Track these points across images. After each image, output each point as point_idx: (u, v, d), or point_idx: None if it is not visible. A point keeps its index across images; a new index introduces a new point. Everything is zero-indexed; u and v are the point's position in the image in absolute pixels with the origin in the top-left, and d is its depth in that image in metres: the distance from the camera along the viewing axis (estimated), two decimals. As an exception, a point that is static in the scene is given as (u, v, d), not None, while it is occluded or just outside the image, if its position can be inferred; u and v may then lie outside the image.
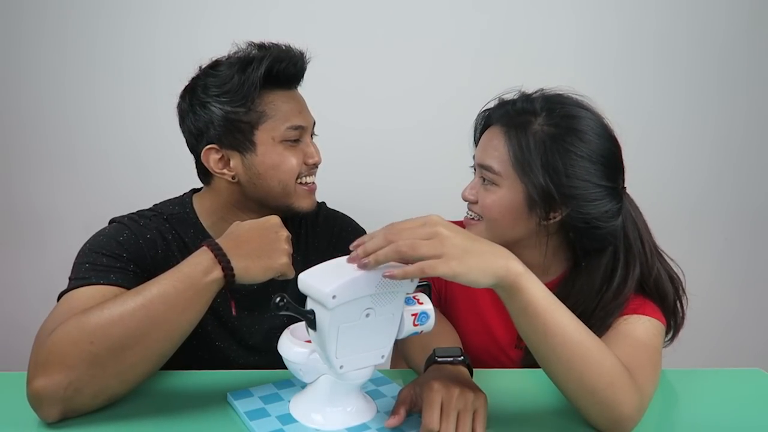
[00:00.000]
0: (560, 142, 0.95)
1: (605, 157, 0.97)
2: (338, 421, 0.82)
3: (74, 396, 0.78)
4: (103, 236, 1.00)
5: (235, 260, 0.83)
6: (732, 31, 1.83)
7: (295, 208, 1.07)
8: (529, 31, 1.79)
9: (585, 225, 0.97)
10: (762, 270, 2.01)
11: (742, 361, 1.50)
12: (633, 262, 0.99)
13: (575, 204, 0.96)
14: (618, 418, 0.80)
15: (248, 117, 1.01)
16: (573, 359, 0.78)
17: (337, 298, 0.72)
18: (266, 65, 0.99)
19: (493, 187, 1.00)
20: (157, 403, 0.88)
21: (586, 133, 0.96)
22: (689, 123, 1.88)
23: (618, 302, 0.96)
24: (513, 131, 0.98)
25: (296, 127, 1.03)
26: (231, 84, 1.00)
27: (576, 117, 0.98)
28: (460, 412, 0.78)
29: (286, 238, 0.88)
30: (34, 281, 1.86)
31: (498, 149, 0.99)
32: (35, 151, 1.80)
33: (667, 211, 1.88)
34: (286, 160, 1.03)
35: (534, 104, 1.00)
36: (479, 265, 0.73)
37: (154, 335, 0.80)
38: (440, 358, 0.88)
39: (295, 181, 1.05)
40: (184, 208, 1.09)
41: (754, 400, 0.97)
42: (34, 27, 1.73)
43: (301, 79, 1.07)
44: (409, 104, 1.79)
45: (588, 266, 1.00)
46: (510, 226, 1.00)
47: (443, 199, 1.16)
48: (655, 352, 0.92)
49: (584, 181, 0.95)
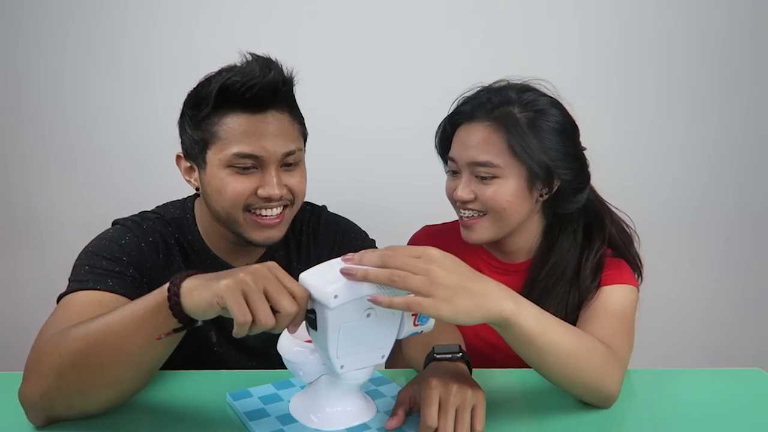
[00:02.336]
0: (540, 121, 1.04)
1: (569, 123, 1.08)
2: (338, 421, 0.82)
3: (50, 406, 0.79)
4: (105, 239, 0.99)
5: (186, 282, 0.73)
6: (733, 32, 1.82)
7: (246, 238, 1.01)
8: (529, 32, 1.79)
9: (571, 190, 1.08)
10: (762, 270, 2.01)
11: (742, 361, 1.50)
12: (601, 215, 1.12)
13: (564, 173, 1.05)
14: (606, 395, 0.89)
15: (201, 135, 0.97)
16: (567, 368, 0.84)
17: (339, 298, 0.72)
18: (220, 83, 0.93)
19: (494, 180, 1.05)
20: (156, 403, 0.88)
21: (549, 111, 1.06)
22: (690, 123, 1.88)
23: (599, 254, 1.09)
24: (500, 123, 1.04)
25: (245, 155, 0.95)
26: (194, 98, 0.98)
27: (536, 99, 1.07)
28: (459, 409, 0.78)
29: (252, 270, 0.72)
30: (33, 281, 1.86)
31: (491, 143, 1.04)
32: (34, 150, 1.80)
33: (667, 212, 1.89)
34: (227, 187, 0.96)
35: (507, 95, 1.07)
36: (468, 308, 0.74)
37: (109, 358, 0.75)
38: (439, 355, 0.88)
39: (243, 211, 0.98)
40: (185, 212, 1.09)
41: (754, 400, 0.96)
42: (34, 27, 1.73)
43: (269, 102, 0.96)
44: (408, 103, 1.79)
45: (564, 230, 1.11)
46: (516, 210, 1.06)
47: (442, 199, 1.16)
48: (630, 321, 1.03)
49: (565, 151, 1.05)
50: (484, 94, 1.09)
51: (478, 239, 1.09)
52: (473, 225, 1.08)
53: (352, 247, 1.15)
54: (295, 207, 1.04)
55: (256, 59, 0.96)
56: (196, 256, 1.07)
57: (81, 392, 0.78)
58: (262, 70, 0.94)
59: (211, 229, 1.06)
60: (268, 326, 0.68)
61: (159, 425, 0.84)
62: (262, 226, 1.00)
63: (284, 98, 0.99)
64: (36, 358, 0.79)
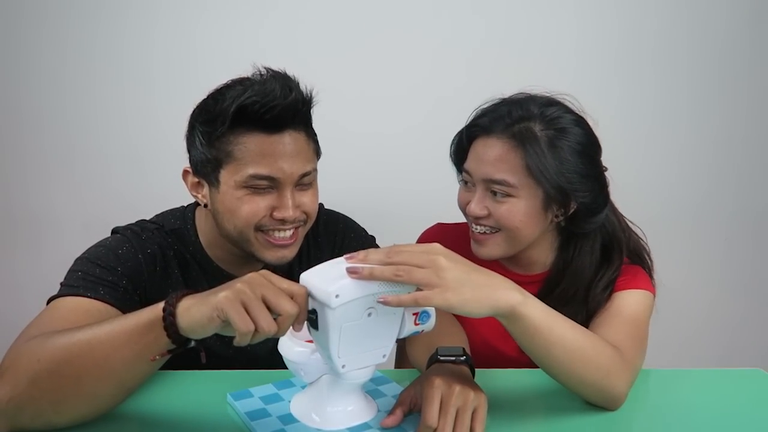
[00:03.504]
0: (561, 141, 1.00)
1: (591, 144, 1.04)
2: (339, 420, 0.82)
3: (15, 413, 0.74)
4: (102, 247, 0.98)
5: (182, 302, 0.71)
6: (733, 32, 1.83)
7: (259, 258, 0.99)
8: (529, 33, 1.79)
9: (588, 212, 1.04)
10: (762, 271, 2.01)
11: (742, 361, 1.50)
12: (619, 236, 1.09)
13: (582, 196, 1.01)
14: (613, 396, 0.88)
15: (215, 153, 0.94)
16: (573, 364, 0.83)
17: (340, 297, 0.72)
18: (238, 104, 0.90)
19: (508, 199, 1.01)
20: (157, 403, 0.88)
21: (572, 129, 1.02)
22: (690, 124, 1.88)
23: (614, 274, 1.06)
24: (519, 140, 0.99)
25: (261, 177, 0.93)
26: (207, 114, 0.95)
27: (560, 116, 1.02)
28: (459, 410, 0.78)
29: (247, 279, 0.71)
30: (32, 282, 1.86)
31: (508, 161, 1.00)
32: (33, 151, 1.80)
33: (668, 212, 1.89)
34: (242, 207, 0.94)
35: (529, 109, 1.02)
36: (475, 297, 0.75)
37: (90, 370, 0.73)
38: (443, 357, 0.88)
39: (255, 231, 0.97)
40: (185, 223, 1.06)
41: (754, 400, 0.97)
42: (34, 27, 1.72)
43: (288, 123, 0.94)
44: (408, 105, 1.79)
45: (580, 250, 1.08)
46: (529, 230, 1.03)
47: (441, 200, 1.16)
48: (643, 325, 1.01)
49: (584, 173, 1.01)
50: (504, 107, 1.04)
51: (488, 255, 1.06)
52: (485, 241, 1.06)
53: (353, 247, 1.14)
54: (307, 226, 1.02)
55: (274, 76, 0.93)
56: (197, 267, 1.05)
57: (53, 402, 0.74)
58: (283, 90, 0.91)
59: (214, 241, 1.04)
60: (270, 333, 0.68)
61: (159, 425, 0.83)
62: (275, 246, 0.98)
63: (302, 119, 0.97)
64: (12, 359, 0.76)
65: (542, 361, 0.84)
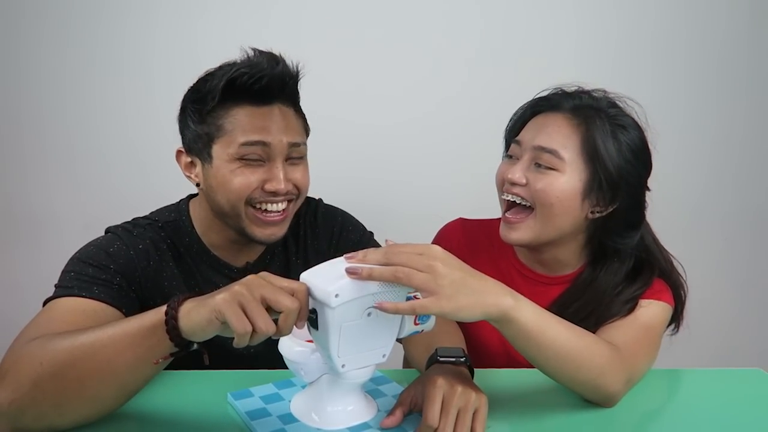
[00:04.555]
0: (623, 136, 1.01)
1: (646, 155, 1.04)
2: (339, 420, 0.82)
3: (18, 415, 0.74)
4: (93, 246, 0.98)
5: (183, 305, 0.72)
6: (732, 32, 1.83)
7: (248, 235, 1.00)
8: (528, 31, 1.79)
9: (623, 222, 1.03)
10: (762, 270, 2.01)
11: (742, 361, 1.50)
12: (656, 256, 1.07)
13: (624, 197, 1.01)
14: (608, 395, 0.89)
15: (206, 129, 0.96)
16: (566, 364, 0.84)
17: (340, 297, 0.72)
18: (227, 77, 0.93)
19: (552, 172, 1.00)
20: (157, 402, 0.88)
21: (633, 132, 1.02)
22: (689, 123, 1.88)
23: (637, 292, 1.03)
24: (584, 119, 1.01)
25: (253, 143, 0.95)
26: (198, 92, 0.97)
27: (623, 116, 1.04)
28: (461, 411, 0.78)
29: (246, 282, 0.71)
30: (31, 282, 1.85)
31: (566, 136, 1.00)
32: (33, 150, 1.81)
33: (667, 212, 1.87)
34: (234, 179, 0.96)
35: (600, 102, 1.04)
36: (470, 304, 0.75)
37: (93, 373, 0.74)
38: (442, 358, 0.88)
39: (246, 205, 0.98)
40: (180, 215, 1.07)
41: (754, 400, 0.97)
42: (34, 27, 1.73)
43: (276, 95, 0.97)
44: (408, 102, 1.79)
45: (609, 268, 1.06)
46: (563, 212, 1.01)
47: (441, 197, 1.17)
48: (656, 335, 1.00)
49: (634, 176, 1.01)
50: (577, 92, 1.06)
51: (518, 239, 1.04)
52: (516, 224, 1.03)
53: (351, 240, 1.15)
54: (298, 201, 1.04)
55: (262, 53, 0.97)
56: (193, 258, 1.05)
57: (56, 405, 0.75)
58: (270, 63, 0.95)
59: (209, 228, 1.05)
60: (269, 333, 0.68)
61: (159, 425, 0.83)
62: (265, 222, 0.99)
63: (290, 93, 1.00)
64: (13, 362, 0.76)
65: (535, 361, 0.85)
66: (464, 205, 1.23)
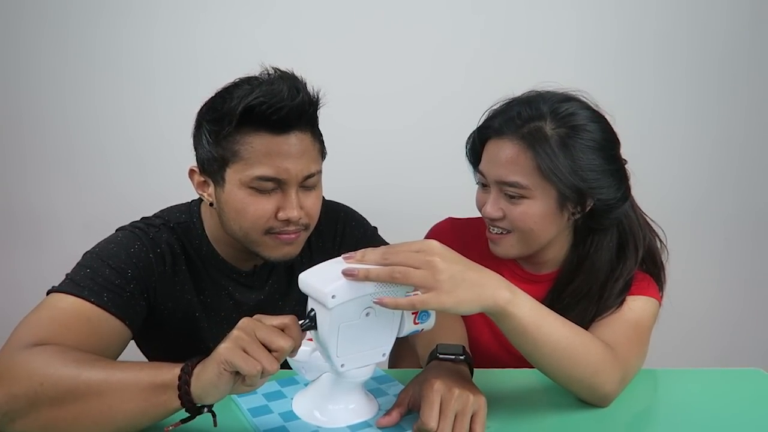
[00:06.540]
0: (574, 139, 0.98)
1: (608, 140, 1.02)
2: (340, 418, 0.83)
3: (7, 423, 0.74)
4: (114, 244, 0.96)
5: (195, 368, 0.72)
6: (733, 32, 1.83)
7: (264, 257, 0.99)
8: (528, 31, 1.79)
9: (606, 209, 1.02)
10: (762, 271, 2.02)
11: (742, 361, 1.50)
12: (636, 232, 1.07)
13: (599, 192, 1.00)
14: (602, 395, 0.89)
15: (221, 152, 0.93)
16: (561, 361, 0.84)
17: (337, 298, 0.72)
18: (245, 104, 0.89)
19: (523, 200, 1.00)
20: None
21: (587, 125, 1.00)
22: (690, 124, 1.88)
23: (630, 274, 1.04)
24: (529, 142, 0.98)
25: (267, 179, 0.92)
26: (214, 112, 0.94)
27: (574, 113, 1.00)
28: (458, 413, 0.78)
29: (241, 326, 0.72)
30: (31, 281, 1.84)
31: (519, 163, 0.99)
32: (33, 150, 1.80)
33: (667, 212, 1.87)
34: (248, 209, 0.94)
35: (538, 108, 1.00)
36: (468, 297, 0.75)
37: (91, 413, 0.73)
38: (442, 355, 0.88)
39: (264, 234, 0.96)
40: (191, 216, 1.05)
41: (754, 400, 0.97)
42: (34, 27, 1.73)
43: (294, 124, 0.93)
44: (408, 103, 1.79)
45: (596, 246, 1.06)
46: (545, 231, 1.02)
47: (441, 198, 1.17)
48: (644, 330, 1.01)
49: (601, 169, 0.99)
50: (515, 107, 1.03)
51: (504, 255, 1.06)
52: (500, 241, 1.05)
53: (354, 236, 1.15)
54: (309, 230, 1.01)
55: (282, 77, 0.93)
56: (202, 261, 1.04)
57: (44, 429, 0.74)
58: (290, 92, 0.91)
59: (220, 236, 1.03)
60: (275, 371, 0.69)
61: (159, 424, 0.83)
62: (281, 242, 0.97)
63: (309, 119, 0.96)
64: (9, 368, 0.75)
65: (531, 357, 0.85)
66: (462, 207, 1.22)
